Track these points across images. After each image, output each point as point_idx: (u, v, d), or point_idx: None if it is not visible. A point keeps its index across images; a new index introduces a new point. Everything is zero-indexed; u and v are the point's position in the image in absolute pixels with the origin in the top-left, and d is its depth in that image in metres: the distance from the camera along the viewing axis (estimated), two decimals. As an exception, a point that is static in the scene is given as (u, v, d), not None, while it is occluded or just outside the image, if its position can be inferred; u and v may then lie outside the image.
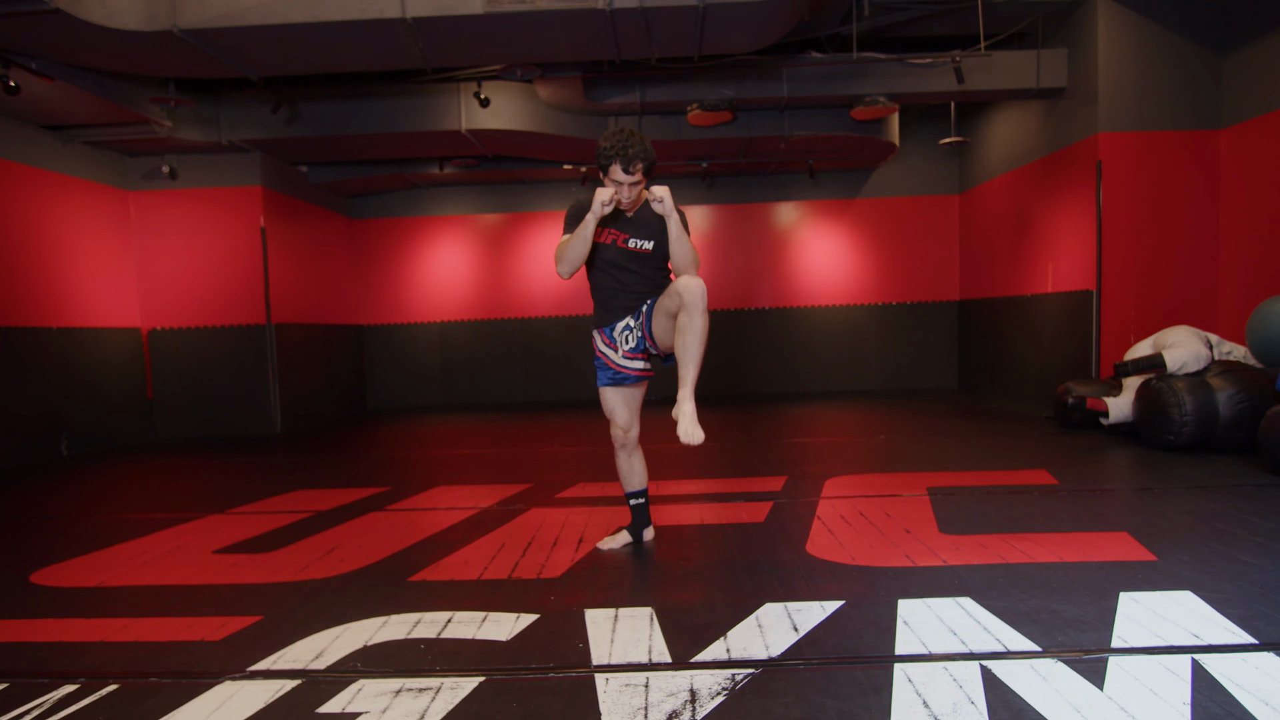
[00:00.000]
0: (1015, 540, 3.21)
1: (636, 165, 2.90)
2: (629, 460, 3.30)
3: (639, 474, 3.32)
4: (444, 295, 10.19)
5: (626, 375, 3.15)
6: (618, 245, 3.07)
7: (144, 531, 3.92)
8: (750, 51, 5.92)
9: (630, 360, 3.14)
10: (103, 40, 4.97)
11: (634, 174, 2.91)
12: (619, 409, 3.21)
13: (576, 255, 2.97)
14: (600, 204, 2.89)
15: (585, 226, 2.91)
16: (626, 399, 3.22)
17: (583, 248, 2.95)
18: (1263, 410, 4.76)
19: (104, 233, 7.43)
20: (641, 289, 3.09)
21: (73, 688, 2.15)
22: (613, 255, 3.08)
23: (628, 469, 3.31)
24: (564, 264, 2.98)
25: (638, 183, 2.94)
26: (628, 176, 2.91)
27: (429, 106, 7.26)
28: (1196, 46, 6.47)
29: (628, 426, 3.24)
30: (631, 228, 3.07)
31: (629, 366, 3.15)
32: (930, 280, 9.89)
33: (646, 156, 2.91)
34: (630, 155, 2.87)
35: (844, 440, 6.17)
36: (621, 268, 3.08)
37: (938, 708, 1.86)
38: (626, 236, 3.06)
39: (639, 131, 2.95)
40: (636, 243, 3.06)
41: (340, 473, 5.58)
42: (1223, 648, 2.13)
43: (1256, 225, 6.15)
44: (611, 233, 3.07)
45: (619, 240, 3.07)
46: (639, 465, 3.32)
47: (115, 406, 7.45)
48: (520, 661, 2.22)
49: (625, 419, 3.23)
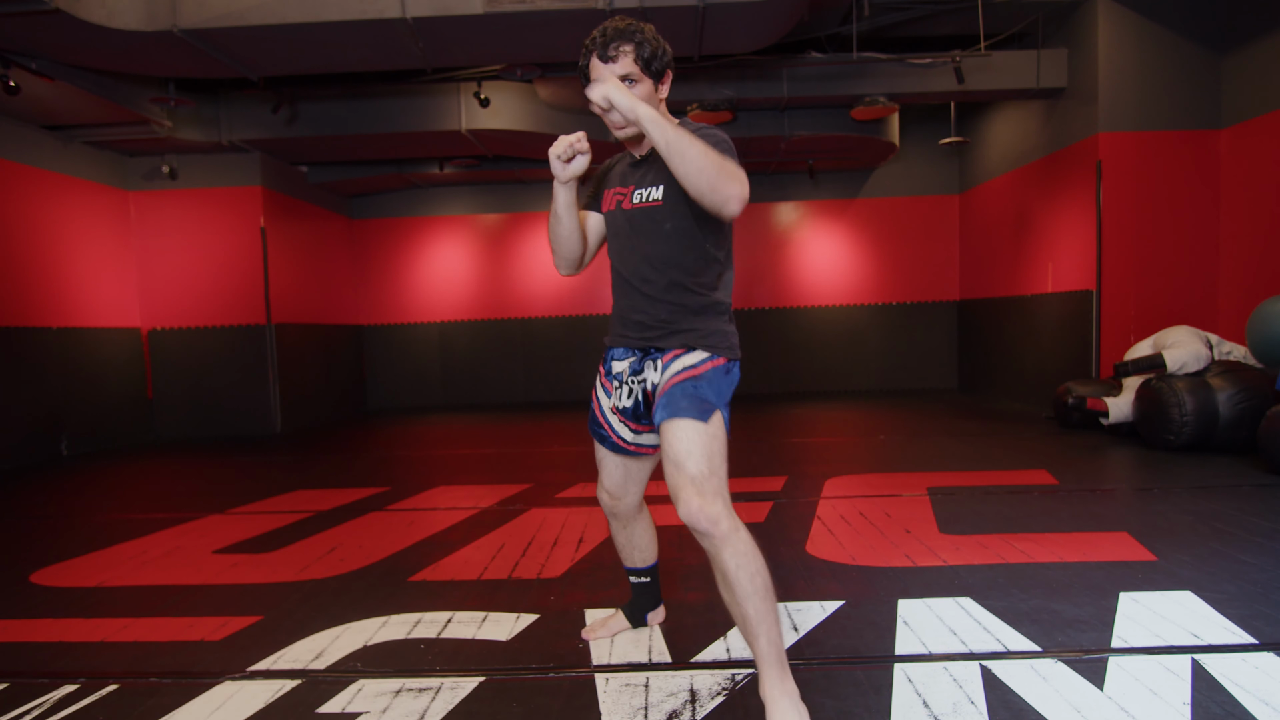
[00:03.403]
0: (1015, 540, 3.21)
1: (620, 45, 1.80)
2: (624, 530, 2.28)
3: (640, 548, 2.32)
4: (444, 295, 10.19)
5: (608, 438, 2.12)
6: (623, 208, 1.97)
7: (144, 531, 3.92)
8: (750, 51, 5.92)
9: (621, 424, 2.07)
10: (103, 40, 4.96)
11: (616, 59, 1.80)
12: (607, 464, 2.18)
13: (556, 239, 2.00)
14: (556, 158, 1.84)
15: (553, 199, 1.94)
16: (617, 462, 2.17)
17: (557, 226, 1.97)
18: (1263, 410, 4.76)
19: (104, 233, 7.43)
20: (655, 282, 1.91)
21: (73, 688, 2.15)
22: (618, 226, 1.98)
23: (624, 540, 2.30)
24: (556, 255, 2.07)
25: (631, 80, 1.82)
26: (609, 66, 1.81)
27: (429, 106, 7.25)
28: (1196, 46, 6.47)
29: (617, 492, 2.21)
30: (640, 174, 1.96)
31: (618, 432, 2.08)
32: (930, 280, 9.88)
33: (639, 37, 1.82)
34: (610, 33, 1.81)
35: (844, 440, 6.16)
36: (625, 245, 1.97)
37: (938, 708, 1.86)
38: (632, 189, 1.95)
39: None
40: (642, 194, 1.92)
41: (340, 473, 5.58)
42: (1223, 648, 2.13)
43: (1256, 225, 6.15)
44: (615, 193, 2.00)
45: (624, 200, 1.96)
46: (641, 537, 2.30)
47: (115, 406, 7.45)
48: (520, 661, 2.22)
49: (615, 480, 2.19)
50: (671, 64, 1.90)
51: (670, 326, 1.92)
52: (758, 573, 1.72)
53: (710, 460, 1.78)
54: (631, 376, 1.99)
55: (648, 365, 1.96)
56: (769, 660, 1.74)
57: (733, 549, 1.72)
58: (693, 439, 1.79)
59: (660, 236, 1.90)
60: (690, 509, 1.72)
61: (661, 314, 1.92)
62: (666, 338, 1.92)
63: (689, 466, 1.76)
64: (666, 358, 1.92)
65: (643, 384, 1.97)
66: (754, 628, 1.73)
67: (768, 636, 1.73)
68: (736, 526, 1.74)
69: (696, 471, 1.76)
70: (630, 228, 1.94)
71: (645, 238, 1.92)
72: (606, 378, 2.08)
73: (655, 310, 1.92)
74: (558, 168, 1.86)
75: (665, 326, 1.92)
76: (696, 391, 1.83)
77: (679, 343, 1.91)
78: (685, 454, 1.77)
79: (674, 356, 1.91)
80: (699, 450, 1.77)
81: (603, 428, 2.11)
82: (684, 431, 1.79)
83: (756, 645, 1.74)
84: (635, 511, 2.26)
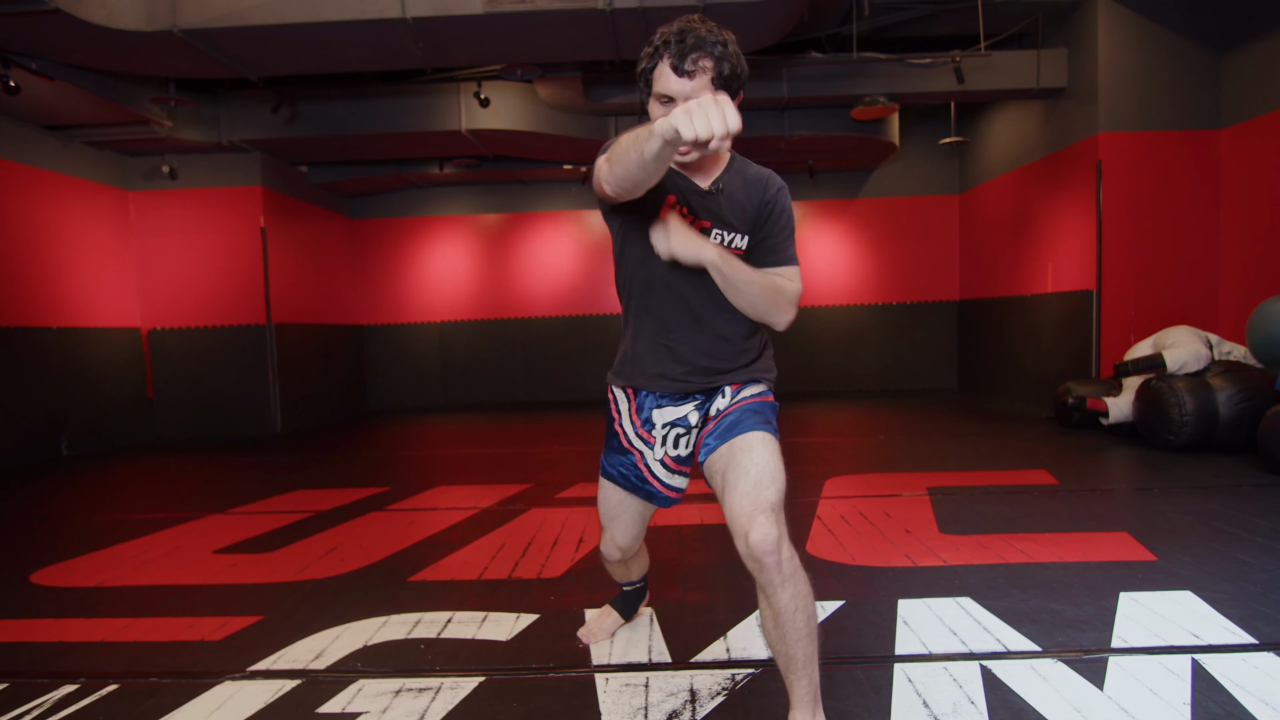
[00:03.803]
0: (1015, 540, 3.21)
1: (700, 59, 1.56)
2: (625, 566, 2.24)
3: (639, 568, 2.32)
4: (444, 295, 10.19)
5: (656, 493, 1.93)
6: None
7: (144, 531, 3.92)
8: (750, 51, 5.92)
9: (672, 474, 1.91)
10: (103, 40, 4.96)
11: (694, 76, 1.57)
12: (623, 520, 2.01)
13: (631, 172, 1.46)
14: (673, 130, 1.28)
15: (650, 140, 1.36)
16: (640, 513, 2.01)
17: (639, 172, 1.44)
18: (1263, 410, 4.76)
19: (104, 233, 7.43)
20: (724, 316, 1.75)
21: (73, 688, 2.15)
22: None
23: (623, 572, 2.28)
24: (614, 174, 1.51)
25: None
26: (684, 82, 1.57)
27: (429, 106, 7.25)
28: (1196, 46, 6.47)
29: (630, 548, 2.08)
30: (712, 208, 1.71)
31: (669, 484, 1.92)
32: (930, 280, 9.88)
33: (724, 52, 1.58)
34: (690, 42, 1.56)
35: (844, 440, 6.16)
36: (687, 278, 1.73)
37: (938, 708, 1.86)
38: (705, 224, 1.70)
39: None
40: (721, 235, 1.71)
41: (340, 473, 5.58)
42: (1223, 648, 2.13)
43: (1256, 225, 6.15)
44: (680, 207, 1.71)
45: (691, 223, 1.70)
46: (640, 561, 2.29)
47: (115, 406, 7.45)
48: (520, 661, 2.22)
49: (631, 536, 2.04)
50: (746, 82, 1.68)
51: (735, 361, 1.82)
52: (812, 615, 1.61)
53: (783, 491, 1.63)
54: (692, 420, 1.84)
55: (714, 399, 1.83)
56: (805, 702, 1.64)
57: (794, 589, 1.57)
58: (771, 459, 1.64)
59: None
60: (769, 538, 1.53)
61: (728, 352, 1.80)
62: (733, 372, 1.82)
63: (771, 492, 1.59)
64: (734, 387, 1.82)
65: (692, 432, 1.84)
66: (799, 670, 1.61)
67: (810, 679, 1.62)
68: (799, 565, 1.59)
69: (778, 499, 1.59)
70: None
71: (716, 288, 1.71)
72: (644, 428, 1.87)
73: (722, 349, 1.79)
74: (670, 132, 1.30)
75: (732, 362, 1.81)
76: (766, 411, 1.75)
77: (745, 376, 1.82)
78: (770, 479, 1.60)
79: (740, 386, 1.82)
80: (778, 474, 1.62)
81: (649, 484, 1.91)
82: (766, 448, 1.65)
83: (797, 687, 1.62)
84: (638, 551, 2.24)
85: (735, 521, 1.58)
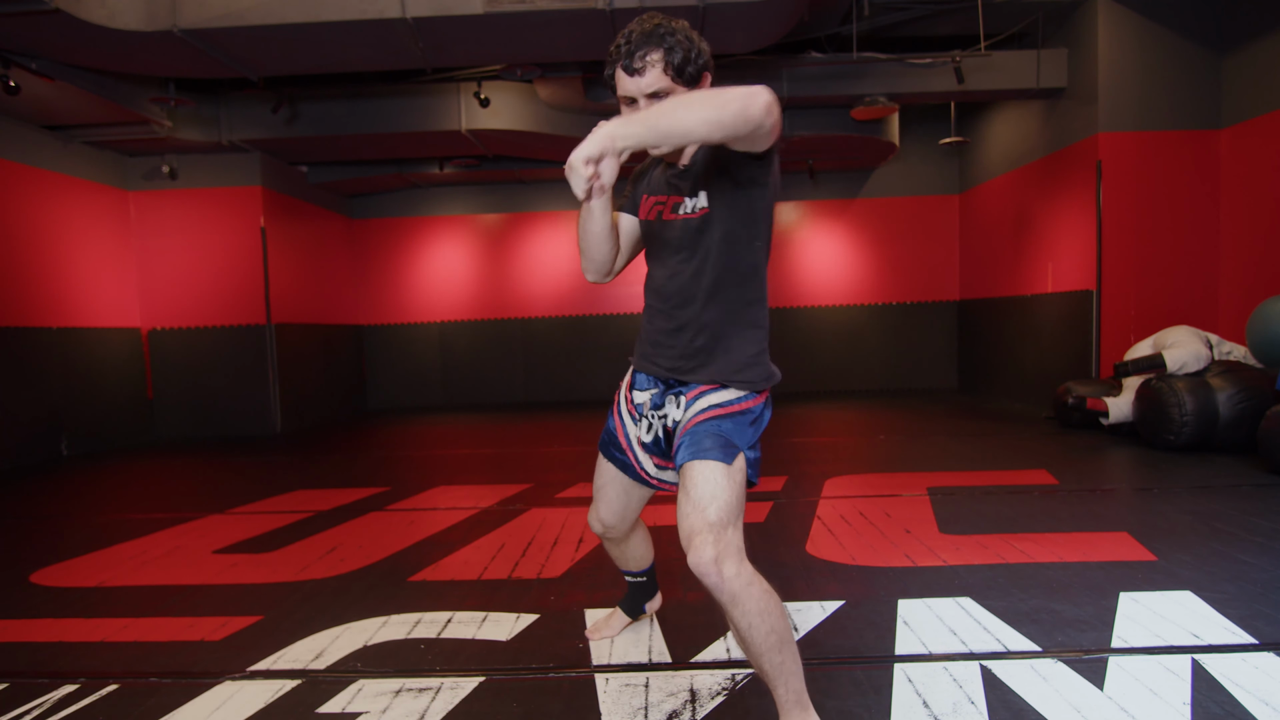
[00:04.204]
0: (1015, 540, 3.21)
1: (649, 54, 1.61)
2: (618, 547, 2.24)
3: (635, 559, 2.29)
4: (444, 295, 10.19)
5: (630, 465, 1.99)
6: (663, 218, 1.78)
7: (144, 531, 3.92)
8: (750, 51, 5.92)
9: (646, 457, 1.95)
10: (103, 40, 4.96)
11: (643, 71, 1.61)
12: (609, 491, 2.06)
13: (586, 238, 1.79)
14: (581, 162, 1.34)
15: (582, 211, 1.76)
16: (625, 490, 2.06)
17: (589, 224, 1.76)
18: (1263, 410, 4.76)
19: (104, 233, 7.43)
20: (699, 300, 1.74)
21: (73, 688, 2.15)
22: (658, 239, 1.81)
23: (618, 554, 2.27)
24: (584, 258, 1.85)
25: (662, 92, 1.62)
26: (635, 80, 1.62)
27: (429, 106, 7.25)
28: (1196, 46, 6.47)
29: (614, 524, 2.11)
30: (683, 184, 1.75)
31: (643, 466, 1.96)
32: (930, 280, 9.89)
33: (670, 40, 1.62)
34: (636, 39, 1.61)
35: (844, 440, 6.16)
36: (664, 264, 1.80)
37: (938, 708, 1.86)
38: (675, 199, 1.75)
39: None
40: (688, 203, 1.73)
41: (340, 473, 5.58)
42: (1223, 648, 2.13)
43: (1256, 225, 6.15)
44: (653, 201, 1.81)
45: (664, 210, 1.77)
46: (635, 549, 2.26)
47: (115, 406, 7.45)
48: (520, 661, 2.22)
49: (614, 511, 2.08)
50: (710, 64, 1.68)
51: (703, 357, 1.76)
52: (772, 629, 1.59)
53: (730, 509, 1.62)
54: (652, 410, 1.86)
55: (669, 400, 1.82)
56: (789, 704, 1.65)
57: (743, 609, 1.57)
58: (718, 483, 1.63)
59: (709, 249, 1.71)
60: (703, 559, 1.56)
61: (698, 341, 1.75)
62: (696, 370, 1.76)
63: (710, 513, 1.60)
64: (691, 394, 1.77)
65: (663, 420, 1.83)
66: (773, 680, 1.63)
67: (785, 685, 1.63)
68: (749, 581, 1.58)
69: (716, 519, 1.60)
70: (675, 242, 1.75)
71: (692, 252, 1.72)
72: (634, 404, 1.93)
73: (692, 338, 1.75)
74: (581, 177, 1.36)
75: (699, 356, 1.76)
76: (720, 431, 1.69)
77: (707, 377, 1.75)
78: (709, 498, 1.62)
79: (700, 393, 1.76)
80: (722, 496, 1.62)
81: (625, 454, 1.97)
82: (710, 473, 1.64)
83: (777, 694, 1.65)
84: (627, 533, 2.19)
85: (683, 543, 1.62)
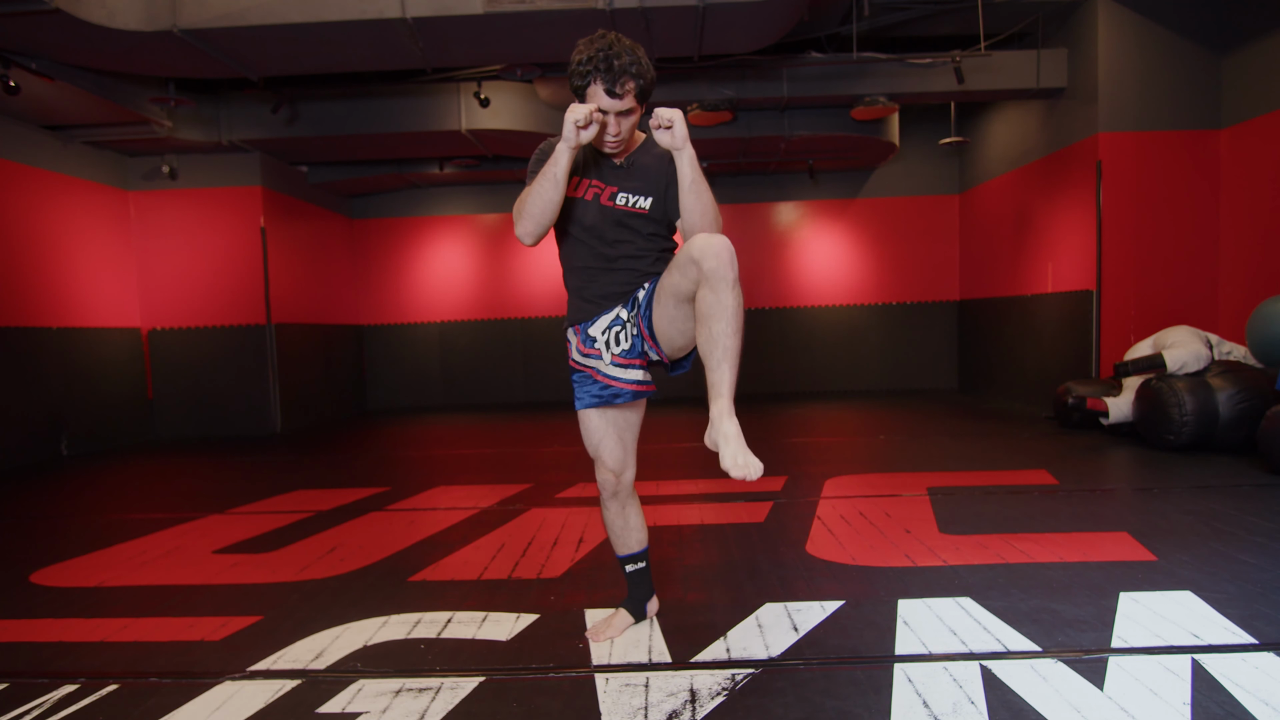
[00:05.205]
0: (1015, 540, 3.21)
1: (626, 83, 2.00)
2: (621, 512, 2.39)
3: (635, 530, 2.41)
4: (444, 295, 10.19)
5: (619, 391, 2.25)
6: (600, 203, 2.17)
7: (144, 531, 3.92)
8: (750, 51, 5.92)
9: (624, 369, 2.24)
10: (103, 40, 4.97)
11: (623, 96, 2.02)
12: (607, 442, 2.31)
13: (542, 203, 2.08)
14: (574, 125, 1.96)
15: (555, 161, 2.03)
16: (618, 427, 2.31)
17: (552, 192, 2.05)
18: (1263, 410, 4.76)
19: (104, 233, 7.43)
20: (635, 267, 2.21)
21: (73, 688, 2.15)
22: (594, 218, 2.18)
23: (620, 525, 2.40)
24: (525, 218, 2.11)
25: (629, 111, 2.06)
26: (614, 101, 2.02)
27: (429, 106, 7.26)
28: (1196, 46, 6.47)
29: (620, 468, 2.33)
30: (621, 178, 2.18)
31: (622, 378, 2.24)
32: (930, 280, 9.88)
33: (641, 72, 2.02)
34: (617, 68, 1.99)
35: (844, 440, 6.16)
36: (604, 237, 2.19)
37: (938, 708, 1.86)
38: (613, 190, 2.17)
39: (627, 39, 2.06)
40: (628, 198, 2.16)
41: (340, 473, 5.58)
42: (1223, 648, 2.13)
43: (1256, 225, 6.15)
44: (591, 184, 2.19)
45: (602, 195, 2.17)
46: (635, 518, 2.41)
47: (115, 406, 7.45)
48: (520, 661, 2.22)
49: (617, 457, 2.32)
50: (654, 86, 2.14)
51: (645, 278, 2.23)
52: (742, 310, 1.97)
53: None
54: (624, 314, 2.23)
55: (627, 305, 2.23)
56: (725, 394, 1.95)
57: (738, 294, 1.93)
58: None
59: (643, 235, 2.20)
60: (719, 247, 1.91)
61: (641, 278, 2.24)
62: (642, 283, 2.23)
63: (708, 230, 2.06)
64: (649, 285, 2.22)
65: (633, 319, 2.21)
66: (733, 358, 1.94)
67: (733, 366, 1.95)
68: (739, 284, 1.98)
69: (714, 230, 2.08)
70: (611, 224, 2.18)
71: (629, 235, 2.19)
72: (588, 346, 2.27)
73: (634, 281, 2.23)
74: (572, 132, 1.97)
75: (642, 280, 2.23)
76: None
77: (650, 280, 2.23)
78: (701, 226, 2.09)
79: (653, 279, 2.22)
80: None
81: (610, 386, 2.25)
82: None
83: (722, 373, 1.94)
84: (632, 491, 2.39)
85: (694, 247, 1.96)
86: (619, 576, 2.90)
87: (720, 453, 1.91)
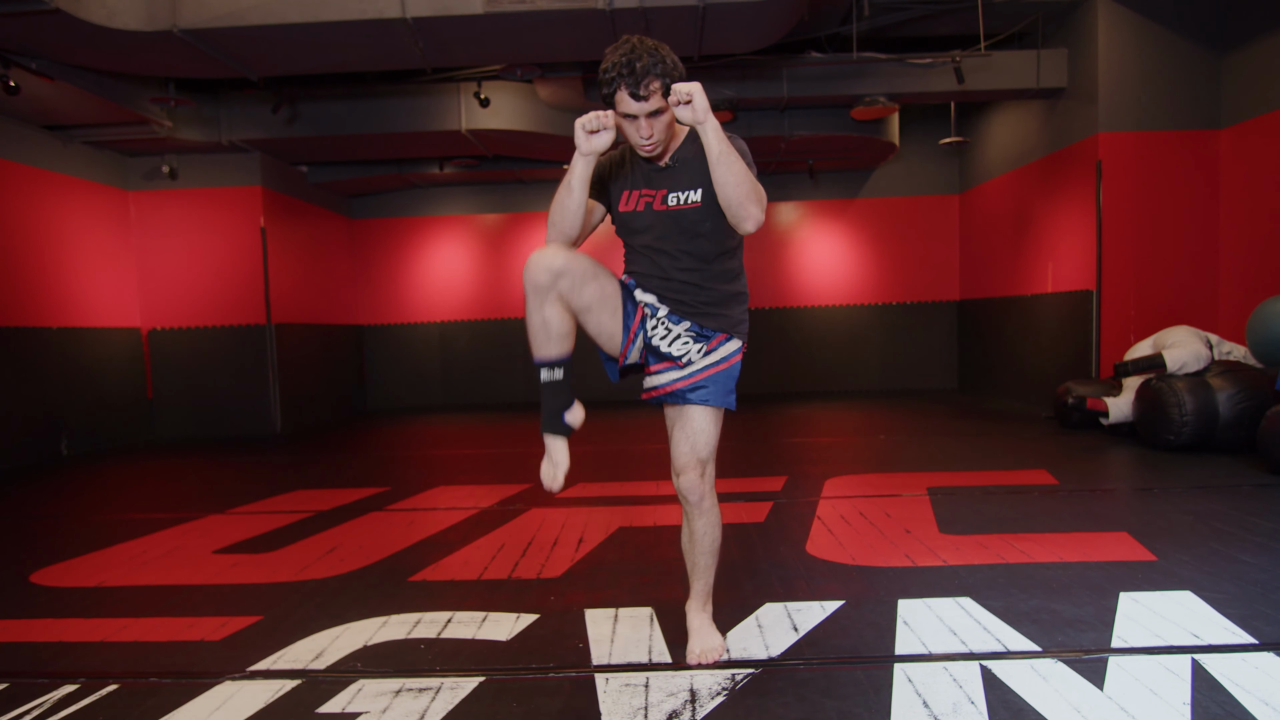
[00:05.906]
0: (1015, 540, 3.21)
1: (650, 84, 1.91)
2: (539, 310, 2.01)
3: (558, 333, 2.05)
4: (444, 295, 10.19)
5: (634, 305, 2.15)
6: (654, 209, 2.08)
7: (144, 531, 3.91)
8: (750, 51, 5.92)
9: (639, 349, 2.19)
10: (103, 40, 4.96)
11: (648, 98, 1.92)
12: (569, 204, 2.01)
13: (560, 210, 2.01)
14: (583, 130, 1.91)
15: (571, 168, 1.98)
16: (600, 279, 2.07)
17: (567, 198, 1.99)
18: (1263, 410, 4.76)
19: (104, 233, 7.43)
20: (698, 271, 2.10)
21: (73, 688, 2.15)
22: (648, 225, 2.09)
23: (539, 323, 2.03)
24: (549, 226, 2.05)
25: (659, 111, 1.95)
26: (640, 104, 1.93)
27: (429, 106, 7.26)
28: (1196, 46, 6.47)
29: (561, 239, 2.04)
30: (668, 179, 2.08)
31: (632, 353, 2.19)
32: (930, 280, 9.88)
33: (665, 70, 1.93)
34: (639, 70, 1.90)
35: (844, 440, 6.16)
36: (660, 249, 2.10)
37: (938, 708, 1.86)
38: (664, 192, 2.07)
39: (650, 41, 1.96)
40: (678, 196, 2.06)
41: (340, 473, 5.58)
42: (1223, 648, 2.13)
43: (1256, 225, 6.15)
44: (641, 195, 2.10)
45: (654, 202, 2.08)
46: (557, 321, 2.03)
47: (115, 406, 7.45)
48: (520, 661, 2.22)
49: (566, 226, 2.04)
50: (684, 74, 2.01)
51: (708, 310, 2.15)
52: (717, 539, 2.22)
53: (712, 445, 2.17)
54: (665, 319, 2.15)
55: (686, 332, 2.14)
56: (700, 594, 2.25)
57: (707, 520, 2.17)
58: (711, 425, 2.14)
59: (698, 234, 2.09)
60: (691, 482, 2.12)
61: (701, 298, 2.14)
62: (706, 319, 2.15)
63: (701, 450, 2.13)
64: (713, 343, 2.15)
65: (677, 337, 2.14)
66: (701, 573, 2.22)
67: (705, 580, 2.23)
68: (714, 502, 2.19)
69: (706, 455, 2.14)
70: (667, 227, 2.09)
71: (684, 235, 2.09)
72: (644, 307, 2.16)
73: (696, 295, 2.13)
74: (582, 139, 1.94)
75: (704, 310, 2.14)
76: (729, 383, 2.16)
77: (717, 326, 2.15)
78: (705, 439, 2.14)
79: (719, 342, 2.16)
80: (713, 436, 2.15)
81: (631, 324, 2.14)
82: (709, 417, 2.14)
83: (696, 584, 2.23)
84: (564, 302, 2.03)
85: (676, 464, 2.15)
86: (619, 577, 2.91)
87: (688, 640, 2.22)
